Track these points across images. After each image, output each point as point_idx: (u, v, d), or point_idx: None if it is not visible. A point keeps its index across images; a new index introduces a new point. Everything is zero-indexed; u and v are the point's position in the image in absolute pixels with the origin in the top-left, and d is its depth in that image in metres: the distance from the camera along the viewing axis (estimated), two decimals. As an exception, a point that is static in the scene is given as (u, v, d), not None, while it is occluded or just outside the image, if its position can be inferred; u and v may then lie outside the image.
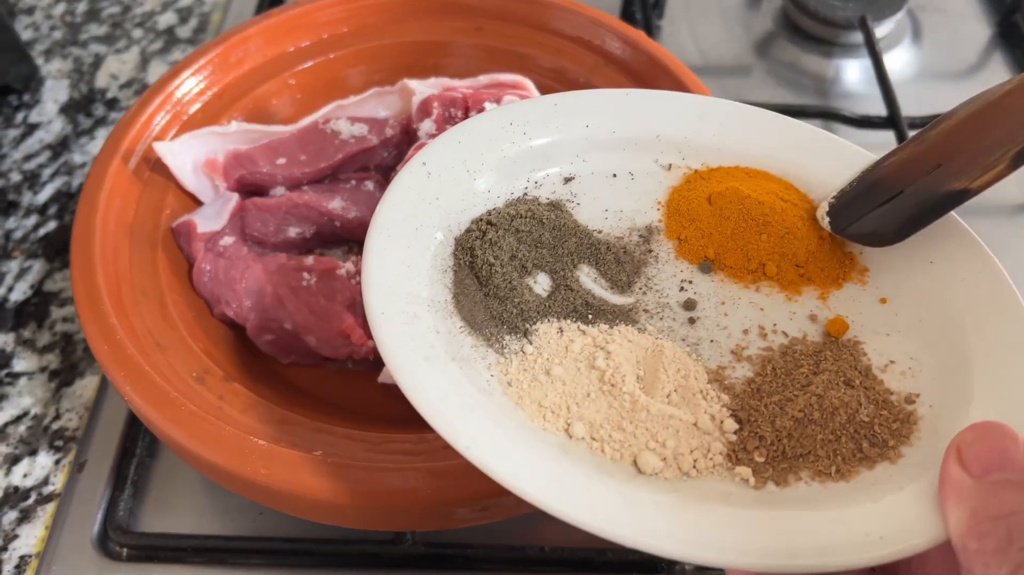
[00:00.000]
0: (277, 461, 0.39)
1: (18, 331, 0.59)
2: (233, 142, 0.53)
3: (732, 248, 0.42)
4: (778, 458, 0.35)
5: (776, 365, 0.38)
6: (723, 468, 0.35)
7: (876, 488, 0.33)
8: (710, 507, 0.33)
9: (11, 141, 0.71)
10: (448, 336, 0.37)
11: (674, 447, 0.35)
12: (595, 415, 0.35)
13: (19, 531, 0.50)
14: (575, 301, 0.40)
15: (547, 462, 0.33)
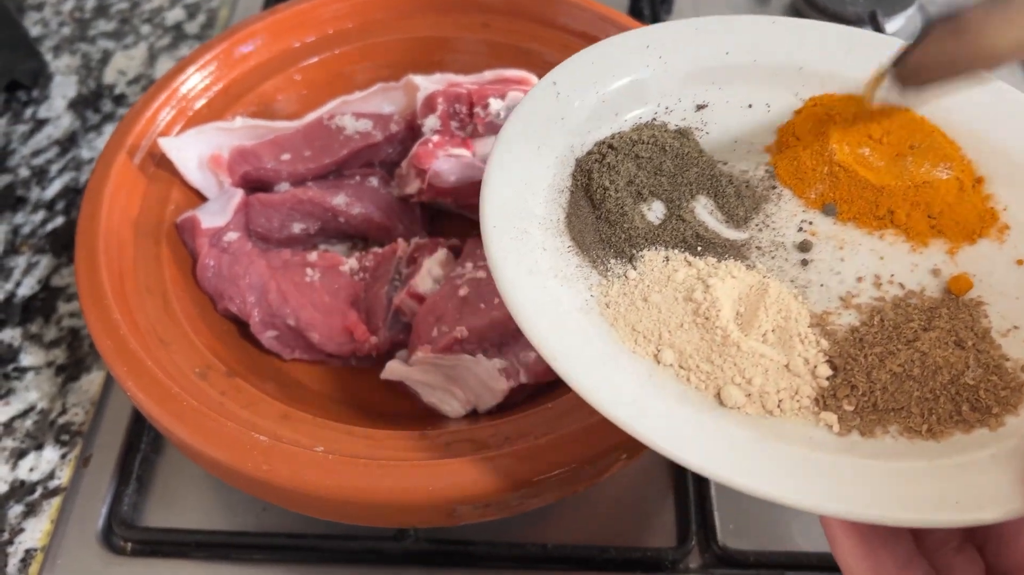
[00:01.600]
0: (279, 457, 0.39)
1: (25, 326, 0.59)
2: (238, 138, 0.53)
3: (860, 190, 0.40)
4: (868, 409, 0.34)
5: (885, 316, 0.37)
6: (809, 412, 0.34)
7: (966, 453, 0.32)
8: (789, 447, 0.32)
9: (20, 137, 0.71)
10: (555, 254, 0.37)
11: (760, 385, 0.34)
12: (686, 345, 0.35)
13: (25, 525, 0.50)
14: (686, 232, 0.39)
15: (631, 382, 0.33)
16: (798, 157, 0.41)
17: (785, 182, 0.42)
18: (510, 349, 0.46)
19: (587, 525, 0.50)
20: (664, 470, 0.51)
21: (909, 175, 0.40)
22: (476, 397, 0.45)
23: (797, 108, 0.43)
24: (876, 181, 0.40)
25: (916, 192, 0.40)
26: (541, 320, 0.34)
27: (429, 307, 0.47)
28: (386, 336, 0.48)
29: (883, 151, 0.42)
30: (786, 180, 0.42)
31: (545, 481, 0.39)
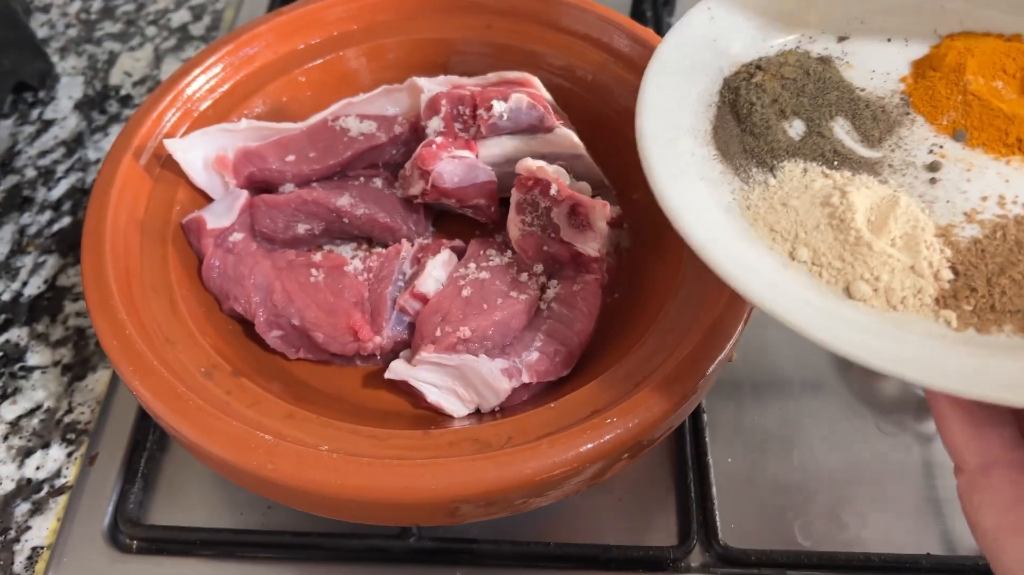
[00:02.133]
0: (284, 456, 0.39)
1: (32, 325, 0.60)
2: (243, 139, 0.53)
3: (991, 118, 0.43)
4: (986, 310, 0.37)
5: (1007, 231, 0.39)
6: (929, 309, 0.37)
7: None
8: (911, 335, 0.36)
9: (26, 137, 0.72)
10: (702, 160, 0.42)
11: (887, 282, 0.37)
12: (820, 244, 0.38)
13: (31, 523, 0.51)
14: (824, 147, 0.43)
15: (767, 270, 0.38)
16: (933, 86, 0.45)
17: (919, 109, 0.45)
18: (513, 349, 0.46)
19: (589, 524, 0.50)
20: (666, 469, 0.52)
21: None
22: (479, 397, 0.45)
23: (935, 44, 0.47)
24: (1008, 110, 0.43)
25: None
26: (688, 214, 0.38)
27: (433, 307, 0.47)
28: (390, 336, 0.48)
29: (1016, 86, 0.45)
30: (920, 107, 0.45)
31: (548, 481, 0.39)
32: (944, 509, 0.50)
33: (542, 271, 0.50)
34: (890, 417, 0.54)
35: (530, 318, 0.48)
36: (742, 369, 0.56)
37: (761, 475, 0.52)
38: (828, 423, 0.54)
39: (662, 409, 0.40)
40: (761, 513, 0.51)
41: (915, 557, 0.48)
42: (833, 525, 0.50)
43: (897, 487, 0.51)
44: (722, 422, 0.54)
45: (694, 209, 0.39)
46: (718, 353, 0.42)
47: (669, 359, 0.43)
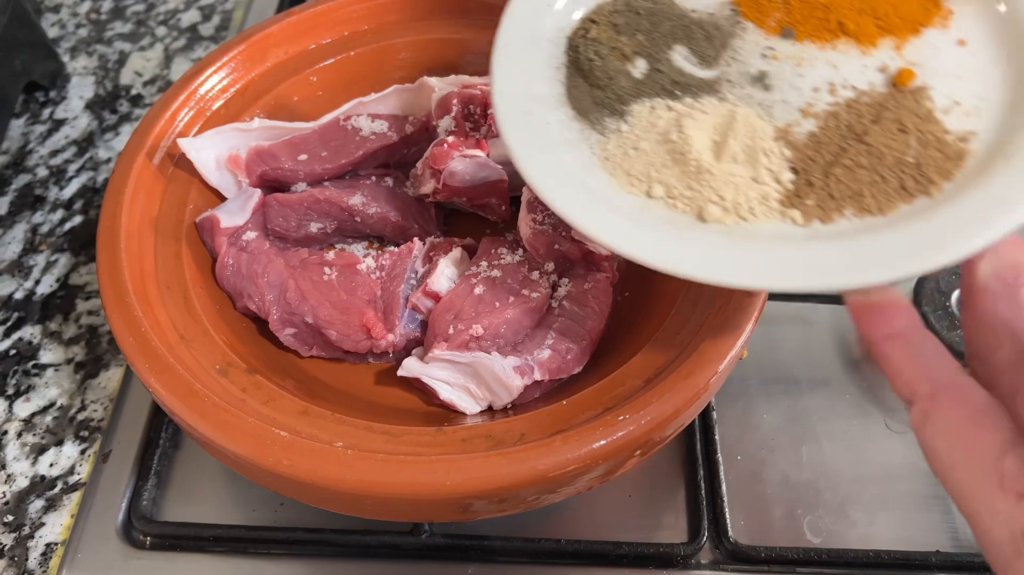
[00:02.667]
0: (299, 452, 0.39)
1: (45, 323, 0.60)
2: (256, 138, 0.54)
3: (811, 11, 0.45)
4: (826, 199, 0.39)
5: (840, 118, 0.41)
6: (776, 212, 0.39)
7: (909, 218, 0.37)
8: (762, 244, 0.38)
9: (38, 137, 0.72)
10: (560, 125, 0.43)
11: (733, 198, 0.39)
12: (670, 179, 0.40)
13: (45, 519, 0.51)
14: (664, 80, 0.44)
15: (626, 217, 0.39)
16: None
17: (747, 16, 0.46)
18: (524, 347, 0.47)
19: (600, 521, 0.50)
20: (676, 467, 0.52)
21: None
22: (491, 394, 0.46)
23: None
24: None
25: (861, 0, 0.44)
26: (552, 185, 0.40)
27: (445, 305, 0.47)
28: (402, 334, 0.48)
29: None
30: (748, 14, 0.46)
31: (561, 477, 0.39)
32: (953, 506, 0.51)
33: (553, 269, 0.50)
34: (899, 414, 0.55)
35: (542, 316, 0.48)
36: (751, 367, 0.56)
37: (770, 472, 0.52)
38: (837, 421, 0.54)
39: (674, 406, 0.40)
40: (771, 510, 0.51)
41: (925, 554, 0.48)
42: (842, 522, 0.50)
43: (906, 484, 0.52)
44: (731, 420, 0.54)
45: (555, 176, 0.40)
46: (729, 350, 0.42)
47: (680, 356, 0.43)
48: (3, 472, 0.53)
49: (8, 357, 0.58)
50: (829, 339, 0.58)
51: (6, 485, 0.53)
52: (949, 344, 0.53)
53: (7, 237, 0.65)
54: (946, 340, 0.53)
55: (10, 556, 0.50)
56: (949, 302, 0.55)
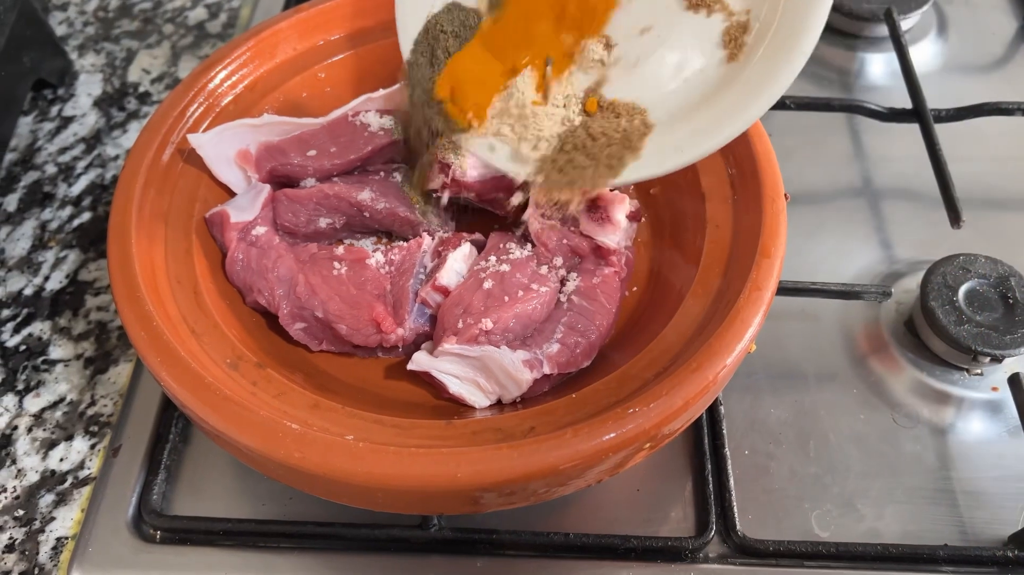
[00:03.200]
0: (310, 445, 0.39)
1: (54, 319, 0.60)
2: (265, 134, 0.54)
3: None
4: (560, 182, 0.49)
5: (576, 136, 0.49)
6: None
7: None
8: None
9: (47, 134, 0.72)
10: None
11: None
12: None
13: (56, 514, 0.51)
14: None
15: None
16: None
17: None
18: (534, 341, 0.47)
19: (608, 514, 0.50)
20: (683, 461, 0.52)
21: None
22: (501, 388, 0.46)
23: None
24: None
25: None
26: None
27: (454, 300, 0.48)
28: (412, 328, 0.48)
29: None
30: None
31: (571, 470, 0.39)
32: (961, 500, 0.51)
33: (561, 264, 0.50)
34: (906, 408, 0.55)
35: (550, 310, 0.48)
36: (758, 361, 0.56)
37: (778, 466, 0.52)
38: (844, 415, 0.54)
39: (683, 399, 0.41)
40: (778, 504, 0.51)
41: (932, 548, 0.48)
42: (850, 516, 0.50)
43: (913, 478, 0.52)
44: (739, 413, 0.54)
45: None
46: (737, 344, 0.42)
47: (689, 350, 0.43)
48: (14, 467, 0.53)
49: (18, 353, 0.59)
50: (836, 334, 0.58)
51: (17, 480, 0.53)
52: (957, 339, 0.53)
53: (16, 234, 0.65)
54: (954, 335, 0.54)
55: (21, 550, 0.50)
56: (956, 297, 0.55)
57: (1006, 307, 0.55)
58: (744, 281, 0.44)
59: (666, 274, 0.52)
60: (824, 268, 0.62)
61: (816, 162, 0.69)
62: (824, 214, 0.65)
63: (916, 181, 0.67)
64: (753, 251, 0.46)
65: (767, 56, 0.46)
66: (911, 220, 0.65)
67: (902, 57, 0.70)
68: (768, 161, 0.49)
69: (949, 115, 0.67)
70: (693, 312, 0.46)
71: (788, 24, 0.46)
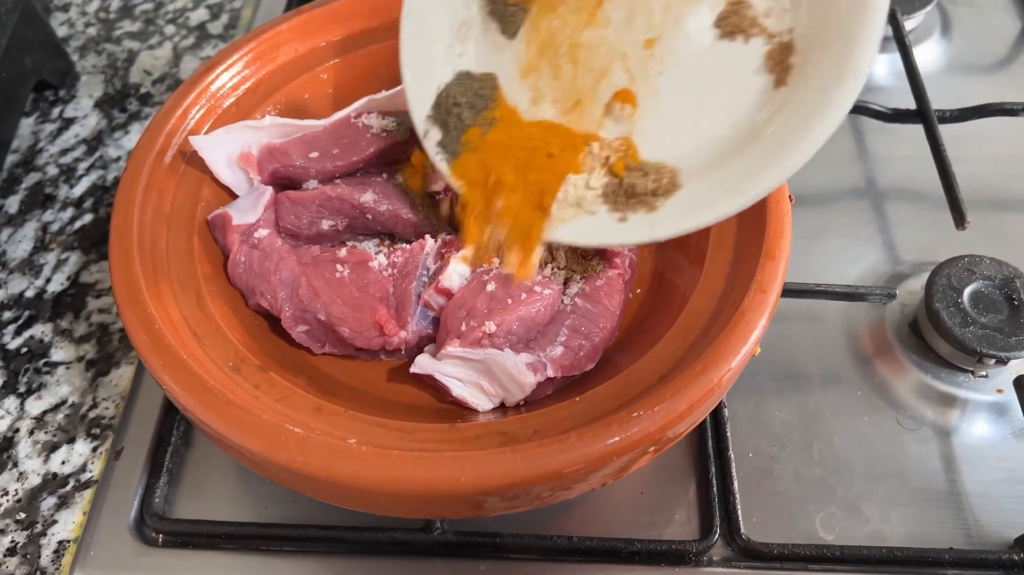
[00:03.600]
0: (313, 449, 0.39)
1: (56, 321, 0.60)
2: (267, 136, 0.54)
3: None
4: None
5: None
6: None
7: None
8: None
9: (48, 136, 0.72)
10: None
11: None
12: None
13: (58, 516, 0.51)
14: None
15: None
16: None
17: None
18: (537, 344, 0.47)
19: (611, 518, 0.50)
20: (687, 463, 0.52)
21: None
22: (504, 391, 0.46)
23: None
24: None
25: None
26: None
27: (457, 302, 0.47)
28: (415, 331, 0.48)
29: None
30: None
31: (575, 474, 0.39)
32: (966, 503, 0.51)
33: (565, 265, 0.50)
34: (910, 411, 0.54)
35: (554, 313, 0.48)
36: (762, 362, 0.56)
37: (782, 469, 0.52)
38: (848, 417, 0.54)
39: (688, 402, 0.40)
40: (782, 507, 0.51)
41: (938, 551, 0.48)
42: (855, 519, 0.50)
43: (918, 481, 0.52)
44: (743, 416, 0.54)
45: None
46: (742, 347, 0.42)
47: (693, 353, 0.43)
48: (16, 470, 0.53)
49: (20, 355, 0.59)
50: (840, 335, 0.58)
51: (19, 483, 0.53)
52: (962, 341, 0.53)
53: (18, 235, 0.65)
54: (959, 337, 0.53)
55: (23, 553, 0.50)
56: (961, 298, 0.55)
57: (1011, 309, 0.55)
58: (749, 283, 0.44)
59: (670, 276, 0.51)
60: (828, 269, 0.61)
61: (820, 163, 0.68)
62: (828, 215, 0.65)
63: (920, 182, 0.66)
64: (758, 253, 0.46)
65: (825, 74, 0.41)
66: (915, 221, 0.65)
67: (906, 57, 0.70)
68: (772, 163, 0.49)
69: (953, 116, 0.67)
70: (697, 315, 0.46)
71: (840, 37, 0.41)
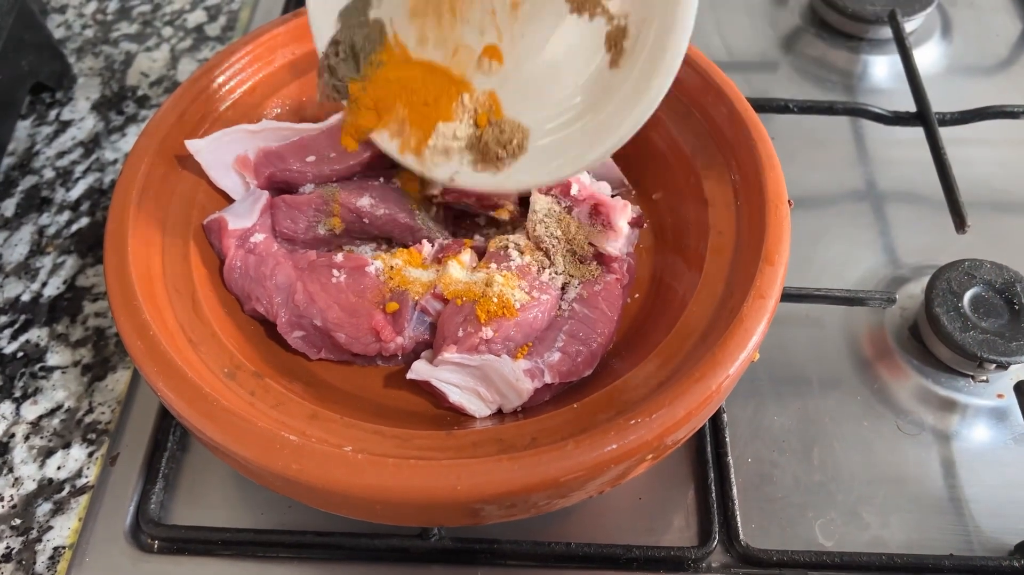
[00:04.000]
0: (309, 457, 0.39)
1: (52, 326, 0.60)
2: (263, 140, 0.53)
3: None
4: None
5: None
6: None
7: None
8: None
9: (44, 138, 0.72)
10: None
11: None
12: None
13: (53, 522, 0.51)
14: None
15: None
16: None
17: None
18: (535, 350, 0.46)
19: (610, 524, 0.50)
20: (686, 469, 0.52)
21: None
22: (501, 397, 0.45)
23: None
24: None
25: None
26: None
27: (454, 308, 0.47)
28: (411, 336, 0.48)
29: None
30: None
31: (572, 482, 0.39)
32: (966, 509, 0.50)
33: (563, 271, 0.50)
34: (910, 416, 0.54)
35: (551, 318, 0.48)
36: (762, 367, 0.56)
37: (781, 475, 0.52)
38: (848, 422, 0.54)
39: (686, 410, 0.40)
40: (782, 513, 0.50)
41: (938, 557, 0.48)
42: (854, 525, 0.50)
43: (918, 486, 0.51)
44: (742, 421, 0.54)
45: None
46: (741, 353, 0.42)
47: (692, 359, 0.43)
48: (11, 475, 0.53)
49: (15, 359, 0.58)
50: (840, 340, 0.58)
51: (14, 488, 0.53)
52: (962, 345, 0.52)
53: (14, 239, 0.65)
54: (959, 341, 0.53)
55: (18, 560, 0.50)
56: (961, 303, 0.55)
57: (1012, 313, 0.55)
58: (747, 289, 0.44)
59: (668, 281, 0.51)
60: (827, 273, 0.61)
61: (819, 166, 0.68)
62: (827, 219, 0.65)
63: (920, 185, 0.66)
64: (756, 258, 0.45)
65: (647, 61, 0.44)
66: (915, 225, 0.64)
67: (906, 60, 0.70)
68: (772, 167, 0.49)
69: (954, 118, 0.67)
70: (696, 320, 0.45)
71: (660, 26, 0.44)
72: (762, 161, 0.49)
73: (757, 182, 0.49)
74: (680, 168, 0.54)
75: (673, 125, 0.55)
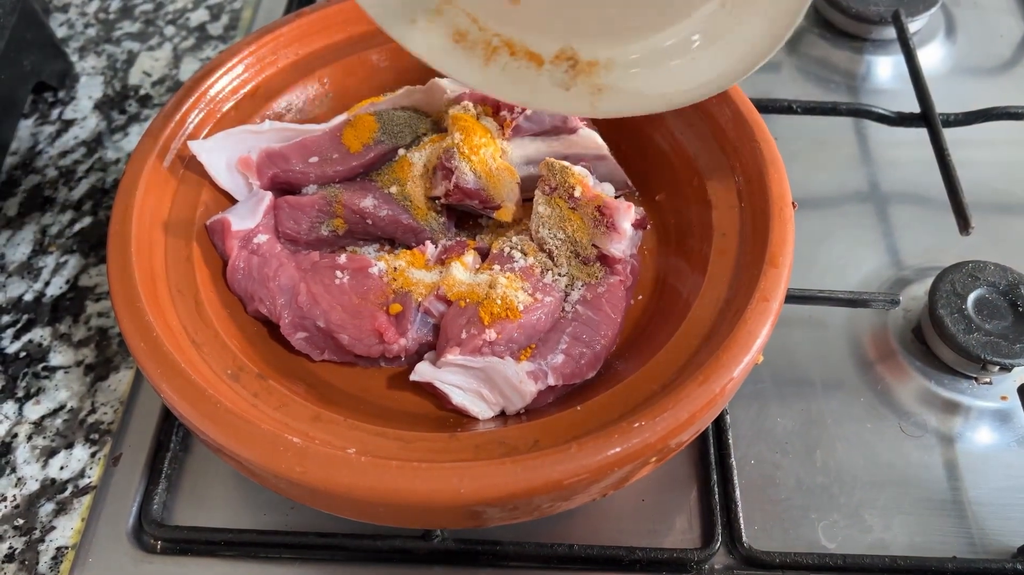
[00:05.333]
0: (312, 459, 0.39)
1: (54, 325, 0.60)
2: (266, 140, 0.53)
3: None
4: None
5: None
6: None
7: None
8: None
9: (47, 138, 0.72)
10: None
11: None
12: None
13: (56, 523, 0.51)
14: None
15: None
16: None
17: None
18: (538, 351, 0.46)
19: (612, 526, 0.50)
20: (689, 471, 0.52)
21: None
22: (504, 399, 0.45)
23: None
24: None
25: None
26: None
27: (458, 309, 0.47)
28: (414, 338, 0.48)
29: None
30: None
31: (575, 484, 0.39)
32: (970, 511, 0.50)
33: (566, 272, 0.50)
34: (913, 418, 0.54)
35: (555, 320, 0.48)
36: (765, 369, 0.56)
37: (784, 476, 0.52)
38: (851, 424, 0.54)
39: (690, 412, 0.40)
40: (784, 515, 0.50)
41: (941, 560, 0.48)
42: (857, 527, 0.50)
43: (921, 489, 0.51)
44: (745, 423, 0.54)
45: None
46: (745, 356, 0.42)
47: (695, 361, 0.43)
48: (14, 475, 0.53)
49: (18, 359, 0.58)
50: (843, 342, 0.58)
51: (16, 488, 0.53)
52: (966, 347, 0.52)
53: (16, 238, 0.65)
54: (963, 343, 0.53)
55: (21, 560, 0.50)
56: (965, 304, 0.55)
57: (1016, 315, 0.54)
58: (751, 291, 0.44)
59: (672, 282, 0.51)
60: (831, 275, 0.61)
61: (822, 167, 0.68)
62: (831, 220, 0.65)
63: (924, 186, 0.66)
64: (760, 260, 0.45)
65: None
66: (919, 226, 0.64)
67: (910, 60, 0.70)
68: (776, 168, 0.49)
69: (958, 119, 0.66)
70: (700, 322, 0.45)
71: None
72: (766, 162, 0.49)
73: (761, 183, 0.48)
74: (683, 169, 0.54)
75: (676, 126, 0.54)
